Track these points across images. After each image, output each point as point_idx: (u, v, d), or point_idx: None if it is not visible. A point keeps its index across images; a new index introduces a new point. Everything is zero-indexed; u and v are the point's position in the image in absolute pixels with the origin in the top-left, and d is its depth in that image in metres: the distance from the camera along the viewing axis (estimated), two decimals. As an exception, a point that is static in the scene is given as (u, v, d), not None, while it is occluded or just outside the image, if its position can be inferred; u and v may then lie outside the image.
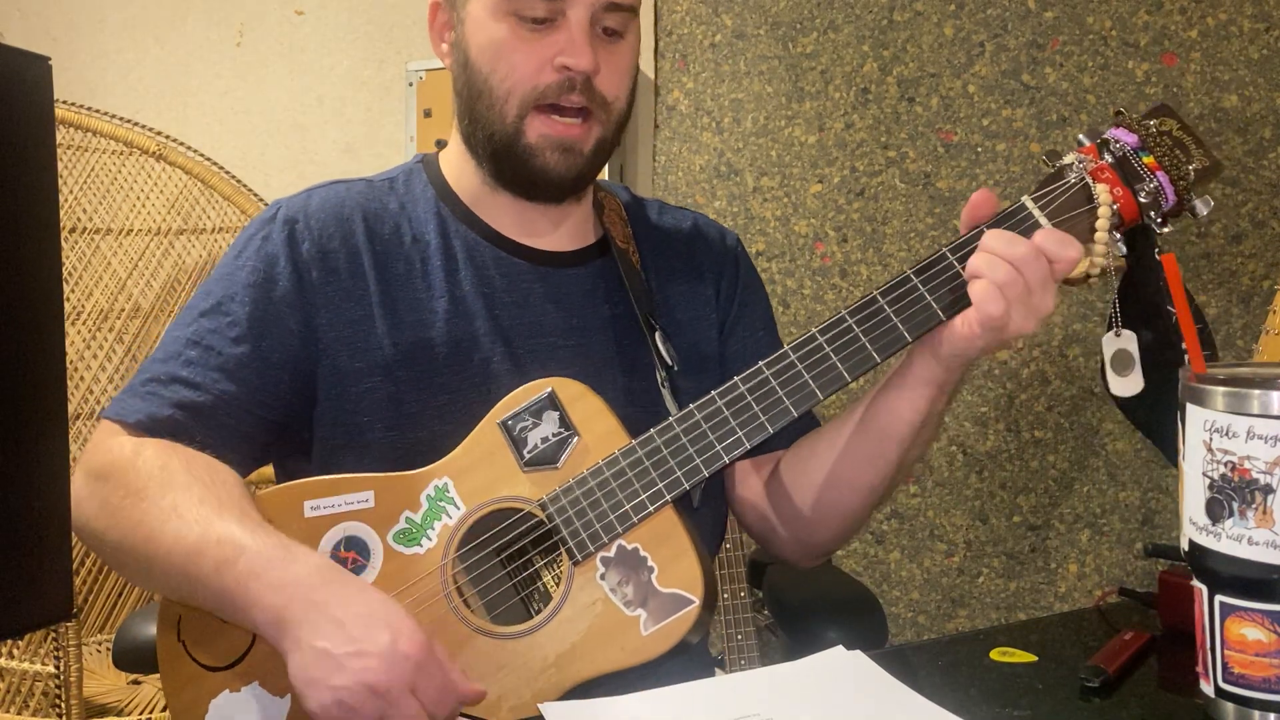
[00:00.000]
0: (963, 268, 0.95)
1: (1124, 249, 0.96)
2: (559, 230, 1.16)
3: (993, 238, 0.93)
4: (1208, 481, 0.80)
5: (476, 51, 1.08)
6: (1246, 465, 0.78)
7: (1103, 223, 0.95)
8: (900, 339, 0.96)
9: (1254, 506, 0.78)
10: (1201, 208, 0.97)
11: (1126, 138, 0.97)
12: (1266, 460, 0.77)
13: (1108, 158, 0.97)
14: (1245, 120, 2.13)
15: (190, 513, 0.95)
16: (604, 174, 2.27)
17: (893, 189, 2.30)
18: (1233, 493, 0.78)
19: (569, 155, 1.08)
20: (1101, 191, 0.95)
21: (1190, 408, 0.82)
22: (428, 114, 2.44)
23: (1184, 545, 0.84)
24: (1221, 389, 0.79)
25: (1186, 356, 0.89)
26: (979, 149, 2.26)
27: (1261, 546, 0.77)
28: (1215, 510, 0.79)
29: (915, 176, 2.29)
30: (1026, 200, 0.97)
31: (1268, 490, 0.77)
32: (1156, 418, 1.07)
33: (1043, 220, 0.95)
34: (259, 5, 2.61)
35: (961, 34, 2.25)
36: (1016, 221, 0.96)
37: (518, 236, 1.14)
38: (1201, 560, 0.81)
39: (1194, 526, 0.82)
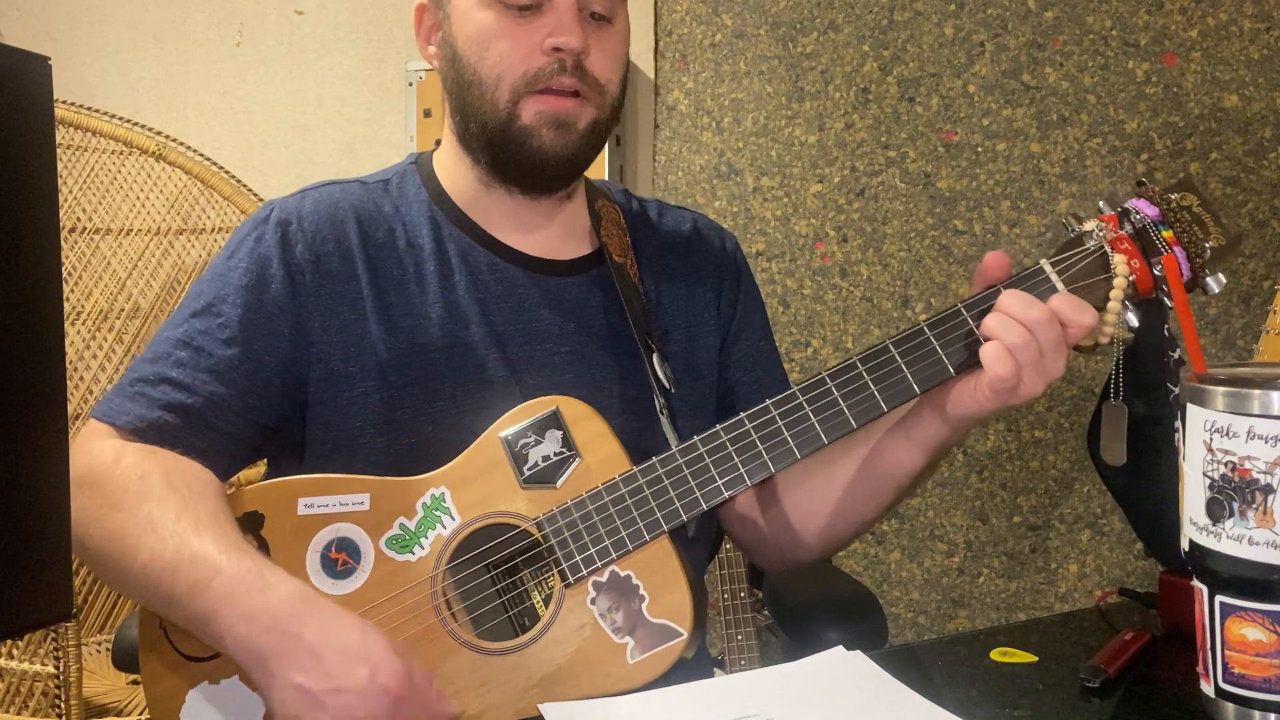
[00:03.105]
0: (977, 325, 0.95)
1: (1134, 320, 0.97)
2: (553, 228, 1.16)
3: (1009, 299, 0.93)
4: (1208, 481, 0.80)
5: (463, 43, 1.08)
6: (1247, 465, 0.78)
7: (1117, 293, 0.95)
8: (909, 390, 0.96)
9: (1254, 506, 0.77)
10: (1214, 285, 0.97)
11: (1148, 210, 0.98)
12: (1267, 460, 0.77)
13: (1128, 228, 0.97)
14: (1245, 120, 2.13)
15: (166, 528, 0.93)
16: (604, 173, 2.27)
17: (893, 189, 2.30)
18: (1233, 493, 0.78)
19: (564, 131, 1.07)
20: (1119, 262, 0.96)
21: (1191, 408, 0.82)
22: (428, 114, 2.44)
23: (1184, 545, 0.84)
24: (1221, 389, 0.79)
25: (1187, 357, 0.89)
26: (979, 149, 2.25)
27: (1262, 546, 0.77)
28: (1215, 510, 0.79)
29: (915, 176, 2.28)
30: (1045, 264, 0.97)
31: (1268, 490, 0.77)
32: (1134, 488, 1.09)
33: (1059, 285, 0.96)
34: (259, 5, 2.61)
35: (961, 34, 2.25)
36: (1034, 284, 0.96)
37: (512, 239, 1.14)
38: (1202, 560, 0.81)
39: (1194, 526, 0.82)
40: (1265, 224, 2.14)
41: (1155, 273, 0.96)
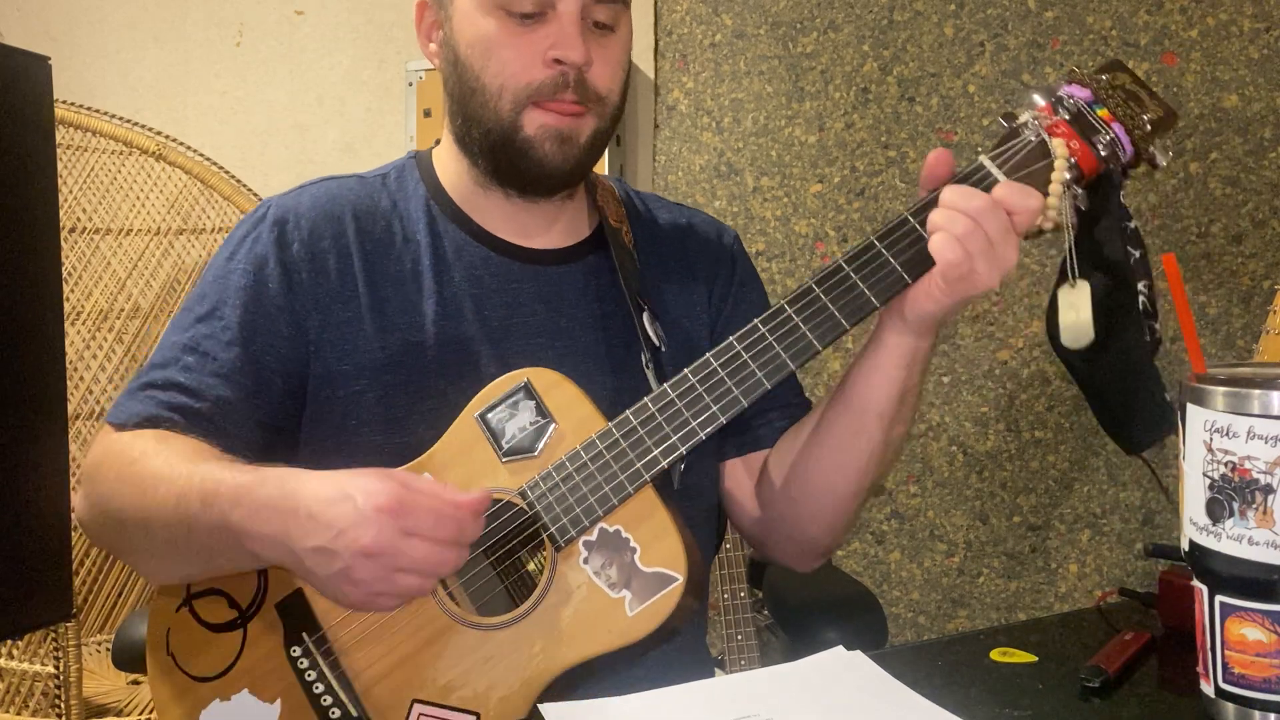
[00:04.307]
0: (924, 228, 0.96)
1: (1084, 204, 0.97)
2: (552, 230, 1.16)
3: (950, 193, 0.94)
4: (1208, 481, 0.80)
5: (466, 48, 1.07)
6: (1247, 465, 0.78)
7: (1058, 174, 0.96)
8: (868, 304, 0.97)
9: (1254, 506, 0.77)
10: (1160, 158, 0.98)
11: (1079, 93, 0.98)
12: (1267, 460, 0.77)
13: (1063, 114, 0.98)
14: (1245, 120, 2.13)
15: (179, 466, 0.98)
16: (604, 173, 2.27)
17: (893, 189, 2.30)
18: (1233, 493, 0.78)
19: (566, 146, 1.07)
20: (1058, 145, 0.96)
21: (1191, 408, 0.82)
22: (428, 114, 2.44)
23: (1184, 545, 0.84)
24: (1221, 389, 0.79)
25: (1187, 356, 0.89)
26: (979, 149, 2.25)
27: (1262, 547, 0.77)
28: (1215, 510, 0.79)
29: (915, 176, 2.28)
30: (984, 159, 0.98)
31: (1268, 490, 0.77)
32: (1098, 366, 1.07)
33: (1000, 177, 0.96)
34: (259, 5, 2.61)
35: (961, 34, 2.25)
36: (976, 180, 0.97)
37: (509, 235, 1.14)
38: (1202, 560, 0.81)
39: (1194, 526, 0.82)
40: (1265, 224, 2.14)
41: (1100, 152, 0.96)
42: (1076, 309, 0.99)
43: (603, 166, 2.28)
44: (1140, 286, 0.97)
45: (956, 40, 2.25)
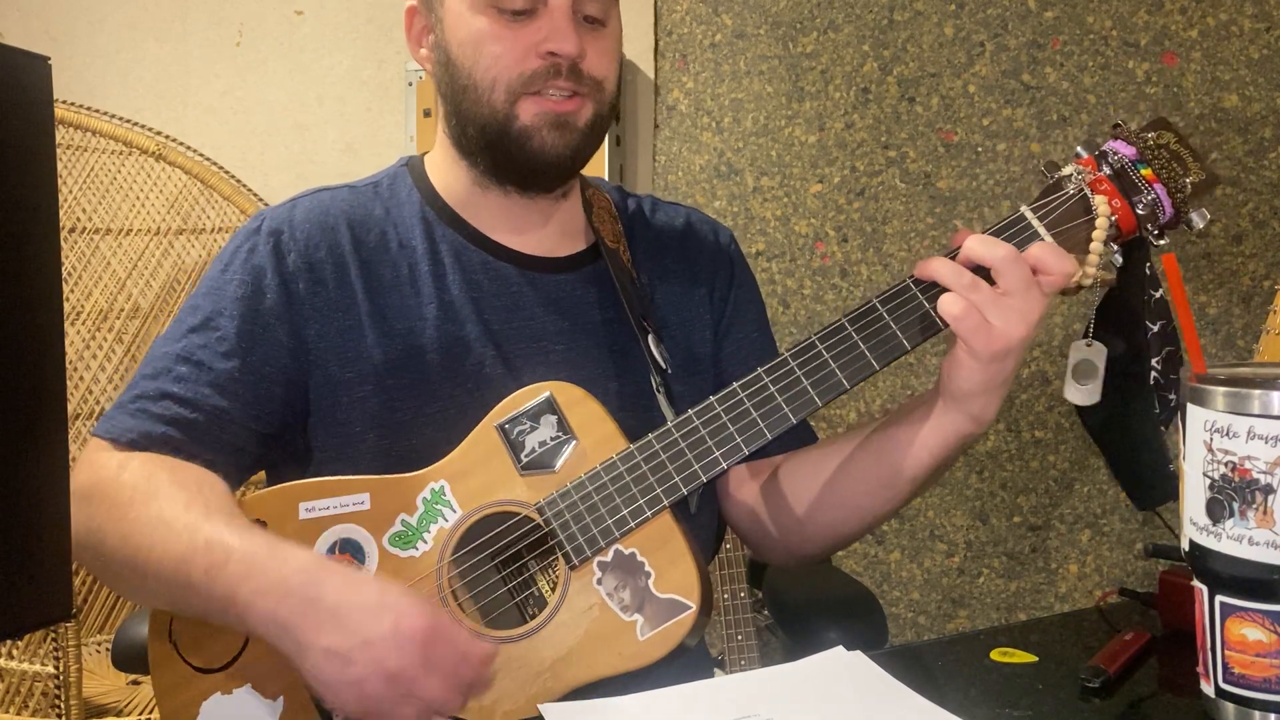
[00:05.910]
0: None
1: (1120, 260, 0.97)
2: (548, 228, 1.16)
3: (972, 242, 0.94)
4: (1208, 482, 0.80)
5: (457, 47, 1.07)
6: (1247, 465, 0.77)
7: (1099, 234, 0.95)
8: (899, 347, 0.96)
9: (1254, 507, 0.77)
10: (1198, 220, 0.97)
11: (1125, 150, 0.97)
12: (1267, 460, 0.77)
13: (1106, 169, 0.97)
14: (1245, 120, 2.13)
15: (178, 520, 0.94)
16: (604, 173, 2.27)
17: (893, 189, 2.30)
18: (1233, 493, 0.78)
19: (564, 132, 1.07)
20: (1100, 203, 0.95)
21: (1191, 408, 0.82)
22: (427, 114, 2.44)
23: (1184, 545, 0.84)
24: (1221, 389, 0.79)
25: (1187, 356, 0.89)
26: (979, 149, 2.25)
27: (1262, 547, 0.77)
28: (1216, 510, 0.79)
29: (915, 176, 2.28)
30: (1025, 210, 0.97)
31: (1268, 490, 0.77)
32: (1112, 430, 1.08)
33: (1041, 230, 0.96)
34: (259, 5, 2.61)
35: (961, 34, 2.25)
36: (1015, 231, 0.96)
37: (507, 238, 1.14)
38: (1202, 560, 0.81)
39: (1194, 527, 0.82)
40: (1265, 224, 2.14)
41: (1138, 212, 0.96)
42: (1087, 370, 1.00)
43: (602, 167, 2.28)
44: (1154, 362, 0.96)
45: (956, 40, 2.25)
